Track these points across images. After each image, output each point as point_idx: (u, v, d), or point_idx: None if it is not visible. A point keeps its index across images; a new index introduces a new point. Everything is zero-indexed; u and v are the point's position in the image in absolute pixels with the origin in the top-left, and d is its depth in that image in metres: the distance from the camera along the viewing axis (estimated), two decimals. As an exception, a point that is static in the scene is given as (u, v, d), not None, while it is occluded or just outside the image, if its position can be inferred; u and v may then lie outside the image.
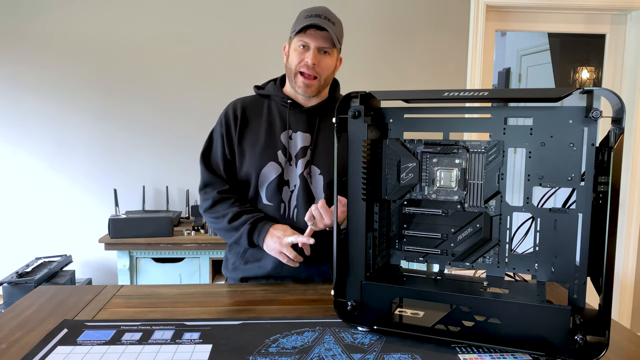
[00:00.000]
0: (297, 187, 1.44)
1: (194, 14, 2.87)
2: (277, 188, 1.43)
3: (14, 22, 2.81)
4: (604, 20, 3.06)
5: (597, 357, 0.88)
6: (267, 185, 1.44)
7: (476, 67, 2.93)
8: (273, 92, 1.48)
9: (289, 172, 1.44)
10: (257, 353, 0.95)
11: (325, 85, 1.46)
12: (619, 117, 0.88)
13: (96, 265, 2.95)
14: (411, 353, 0.96)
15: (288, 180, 1.44)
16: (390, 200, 1.11)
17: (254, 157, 1.44)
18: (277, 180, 1.43)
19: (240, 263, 1.50)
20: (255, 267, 1.47)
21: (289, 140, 1.45)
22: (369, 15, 2.93)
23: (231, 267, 1.52)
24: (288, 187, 1.44)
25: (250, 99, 1.52)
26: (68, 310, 1.19)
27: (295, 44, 1.40)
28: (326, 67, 1.41)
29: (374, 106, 1.08)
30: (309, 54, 1.38)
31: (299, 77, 1.40)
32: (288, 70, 1.44)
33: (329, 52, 1.40)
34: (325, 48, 1.39)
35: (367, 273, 1.06)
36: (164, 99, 2.89)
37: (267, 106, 1.49)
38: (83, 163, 2.92)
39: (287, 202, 1.44)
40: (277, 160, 1.43)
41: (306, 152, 1.45)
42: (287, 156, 1.44)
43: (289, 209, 1.44)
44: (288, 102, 1.45)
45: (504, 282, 1.06)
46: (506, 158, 1.01)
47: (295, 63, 1.40)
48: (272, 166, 1.43)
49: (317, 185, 1.45)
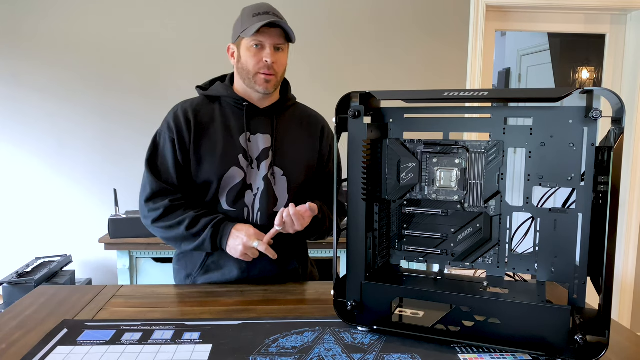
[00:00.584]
0: (260, 190, 1.40)
1: (194, 14, 2.87)
2: (240, 193, 1.40)
3: (14, 21, 2.81)
4: (604, 20, 3.06)
5: (597, 357, 0.88)
6: (228, 190, 1.39)
7: (476, 67, 2.93)
8: (225, 94, 1.43)
9: (252, 175, 1.40)
10: (257, 353, 0.95)
11: (280, 83, 1.44)
12: (619, 117, 0.88)
13: (96, 265, 2.95)
14: (411, 353, 0.96)
15: (251, 184, 1.40)
16: (390, 200, 1.11)
17: (214, 163, 1.38)
18: (241, 184, 1.39)
19: (199, 273, 1.45)
20: (218, 275, 1.43)
21: (247, 143, 1.41)
22: (368, 15, 2.93)
23: (186, 280, 1.47)
24: (251, 191, 1.40)
25: (198, 101, 1.45)
26: (68, 310, 1.19)
27: (248, 43, 1.35)
28: (282, 64, 1.40)
29: (374, 106, 1.08)
30: (266, 52, 1.35)
31: (259, 76, 1.37)
32: (244, 72, 1.39)
33: (282, 49, 1.39)
34: (279, 45, 1.37)
35: (367, 273, 1.06)
36: (164, 99, 2.88)
37: (219, 108, 1.43)
38: (83, 163, 2.92)
39: (250, 206, 1.41)
40: (239, 165, 1.39)
41: (268, 154, 1.42)
42: (249, 159, 1.40)
43: (252, 212, 1.41)
44: (244, 105, 1.42)
45: (504, 282, 1.06)
46: (506, 158, 1.01)
47: (252, 64, 1.36)
48: (235, 171, 1.39)
49: (280, 186, 1.42)
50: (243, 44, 1.38)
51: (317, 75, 2.91)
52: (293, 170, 1.43)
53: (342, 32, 2.92)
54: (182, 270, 1.49)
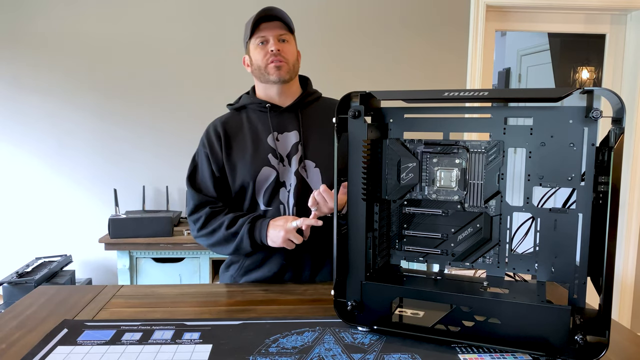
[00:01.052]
0: (292, 186, 1.44)
1: (194, 14, 2.87)
2: (274, 191, 1.43)
3: (14, 22, 2.81)
4: (604, 20, 3.06)
5: (597, 357, 0.88)
6: (264, 190, 1.44)
7: (476, 67, 2.93)
8: (248, 101, 1.50)
9: (284, 172, 1.44)
10: (257, 353, 0.95)
11: (294, 72, 1.47)
12: (619, 117, 0.88)
13: (96, 265, 2.95)
14: (411, 353, 0.96)
15: (284, 181, 1.44)
16: (390, 200, 1.11)
17: (246, 165, 1.43)
18: (274, 183, 1.43)
19: (238, 275, 1.50)
20: (256, 274, 1.47)
21: (276, 142, 1.45)
22: (368, 16, 2.93)
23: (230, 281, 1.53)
24: (285, 188, 1.44)
25: (227, 115, 1.53)
26: (68, 310, 1.19)
27: (253, 44, 1.43)
28: (290, 52, 1.44)
29: (374, 106, 1.08)
30: (270, 43, 1.41)
31: (269, 66, 1.41)
32: (257, 72, 1.45)
33: (287, 39, 1.43)
34: (282, 35, 1.42)
35: (367, 273, 1.06)
36: (164, 99, 2.89)
37: (246, 117, 1.50)
38: (83, 163, 2.92)
39: (286, 203, 1.44)
40: (270, 164, 1.43)
41: (297, 149, 1.45)
42: (279, 157, 1.44)
43: (288, 208, 1.44)
44: (267, 106, 1.46)
45: (504, 282, 1.06)
46: (506, 158, 1.01)
47: (260, 58, 1.42)
48: (267, 170, 1.43)
49: (314, 178, 1.45)
50: (251, 47, 1.44)
51: (317, 75, 2.90)
52: (325, 160, 1.45)
53: (342, 32, 2.92)
54: (227, 272, 1.54)
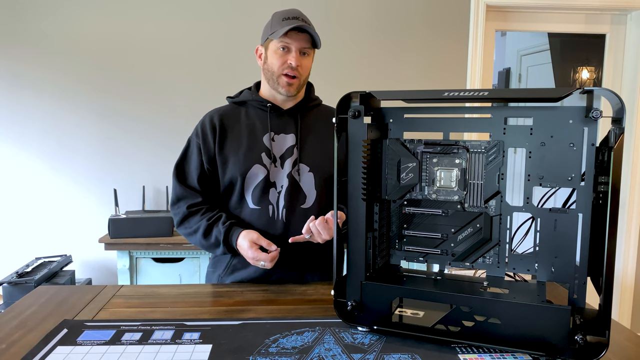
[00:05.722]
0: (284, 188, 1.44)
1: (193, 14, 2.86)
2: (264, 191, 1.43)
3: (15, 22, 2.81)
4: (604, 20, 3.06)
5: (597, 357, 0.88)
6: (253, 188, 1.43)
7: (476, 67, 2.93)
8: (250, 98, 1.49)
9: (275, 173, 1.44)
10: (257, 353, 0.95)
11: (303, 86, 1.48)
12: (619, 117, 0.88)
13: (96, 265, 2.95)
14: (411, 353, 0.96)
15: (274, 182, 1.44)
16: (390, 200, 1.11)
17: (238, 161, 1.43)
18: (264, 182, 1.43)
19: (225, 274, 1.49)
20: (243, 274, 1.46)
21: (271, 142, 1.45)
22: (368, 15, 2.93)
23: (217, 281, 1.52)
24: (275, 189, 1.44)
25: (226, 108, 1.52)
26: (68, 310, 1.19)
27: (275, 46, 1.41)
28: (307, 68, 1.45)
29: (374, 106, 1.08)
30: (292, 55, 1.40)
31: (282, 78, 1.41)
32: (268, 73, 1.44)
33: (308, 53, 1.43)
34: (305, 49, 1.41)
35: (367, 273, 1.06)
36: (164, 99, 2.89)
37: (245, 112, 1.49)
38: (83, 163, 2.92)
39: (275, 204, 1.44)
40: (262, 163, 1.43)
41: (293, 152, 1.45)
42: (272, 158, 1.44)
43: (277, 210, 1.44)
44: (268, 105, 1.46)
45: (504, 282, 1.06)
46: (506, 158, 1.01)
47: (277, 65, 1.41)
48: (258, 168, 1.43)
49: (306, 182, 1.45)
50: (270, 46, 1.43)
51: (316, 75, 2.90)
52: (319, 166, 1.45)
53: (342, 33, 2.92)
54: (215, 272, 1.53)
